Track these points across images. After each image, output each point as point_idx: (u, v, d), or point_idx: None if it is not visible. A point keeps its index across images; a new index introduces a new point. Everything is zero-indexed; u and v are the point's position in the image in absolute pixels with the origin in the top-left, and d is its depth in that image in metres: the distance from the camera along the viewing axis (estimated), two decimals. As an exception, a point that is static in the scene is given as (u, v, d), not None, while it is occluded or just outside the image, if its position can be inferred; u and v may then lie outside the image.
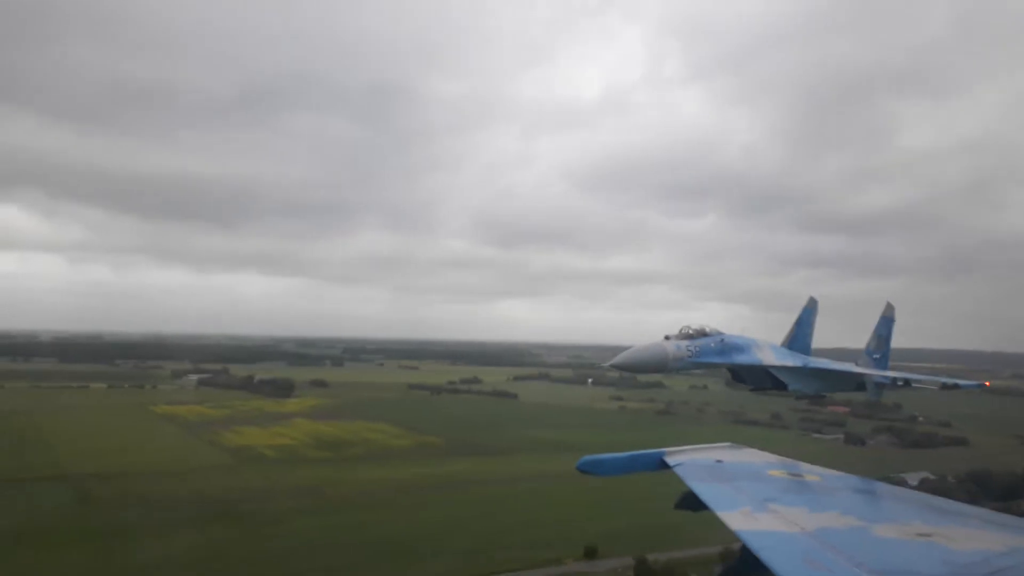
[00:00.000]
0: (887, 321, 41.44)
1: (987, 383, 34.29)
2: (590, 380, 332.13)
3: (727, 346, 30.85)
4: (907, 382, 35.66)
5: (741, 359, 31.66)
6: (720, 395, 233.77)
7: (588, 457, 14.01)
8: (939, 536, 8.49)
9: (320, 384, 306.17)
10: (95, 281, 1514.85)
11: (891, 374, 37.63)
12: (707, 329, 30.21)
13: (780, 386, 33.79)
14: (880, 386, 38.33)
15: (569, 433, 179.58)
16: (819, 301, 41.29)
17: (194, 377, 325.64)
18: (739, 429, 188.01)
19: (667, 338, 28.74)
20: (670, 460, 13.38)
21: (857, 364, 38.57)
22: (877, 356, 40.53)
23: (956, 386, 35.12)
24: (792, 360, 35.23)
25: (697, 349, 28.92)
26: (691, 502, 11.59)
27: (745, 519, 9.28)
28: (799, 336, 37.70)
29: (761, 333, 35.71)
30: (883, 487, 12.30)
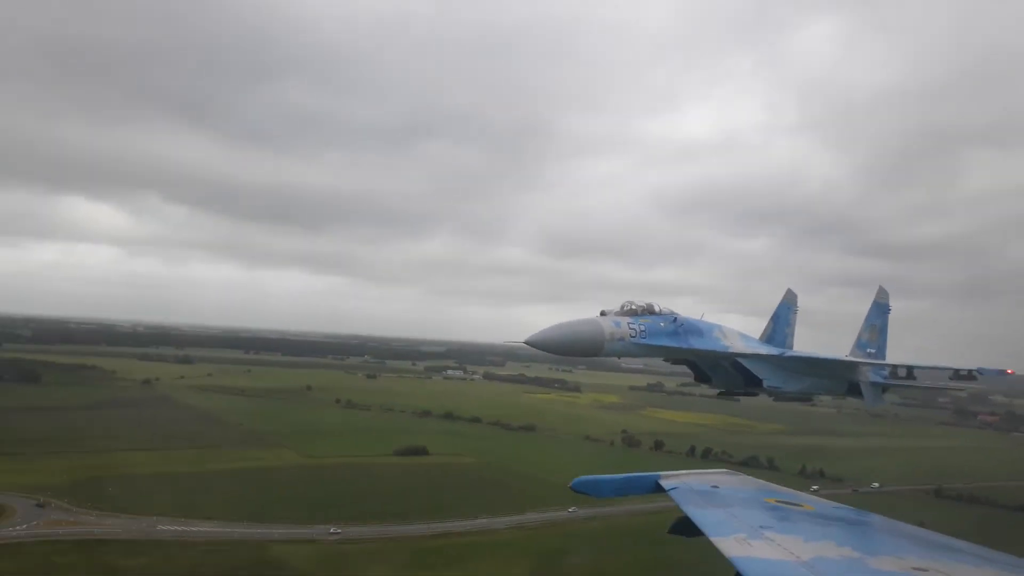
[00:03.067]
0: (881, 308, 36.83)
1: (1010, 371, 28.09)
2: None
3: (682, 328, 26.12)
4: (910, 372, 30.64)
5: (700, 345, 26.83)
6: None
7: (583, 478, 13.75)
8: (935, 571, 8.38)
9: (561, 382, 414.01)
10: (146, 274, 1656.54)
11: (888, 363, 33.46)
12: (657, 307, 25.66)
13: (753, 383, 29.09)
14: (879, 388, 33.51)
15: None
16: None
17: (456, 371, 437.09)
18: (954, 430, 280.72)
19: (603, 314, 24.05)
20: (665, 483, 13.13)
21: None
22: (872, 350, 35.66)
23: (972, 375, 27.12)
24: (766, 349, 30.83)
25: (642, 329, 24.28)
26: (685, 527, 11.43)
27: (740, 546, 9.21)
28: (777, 333, 33.55)
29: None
30: (877, 519, 11.97)
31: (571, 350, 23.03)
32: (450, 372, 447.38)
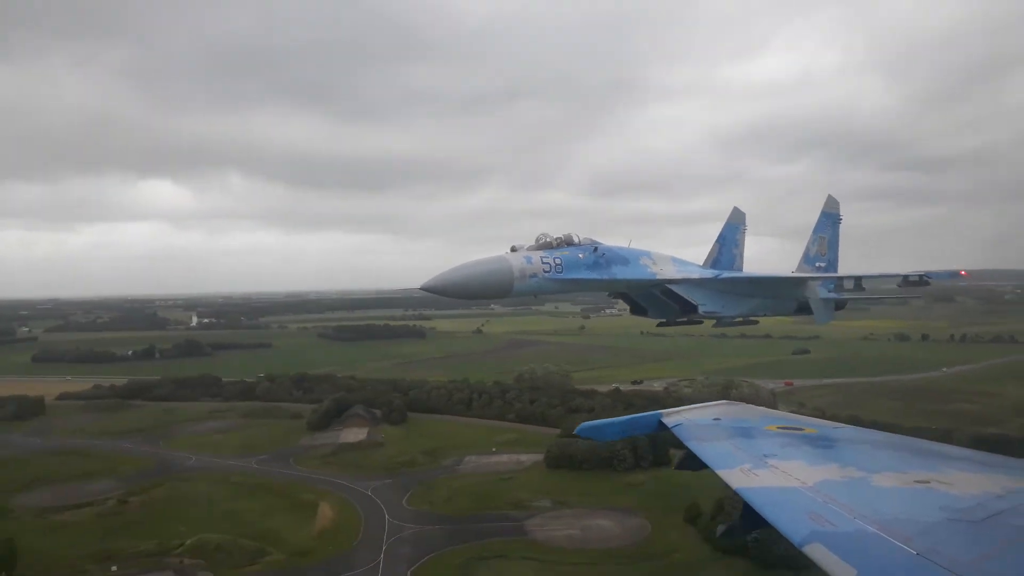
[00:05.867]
0: (830, 218, 35.11)
1: (963, 271, 26.91)
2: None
3: (604, 258, 24.76)
4: (858, 283, 29.37)
5: (625, 274, 25.47)
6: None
7: (587, 423, 14.29)
8: (937, 482, 8.54)
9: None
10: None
11: (833, 275, 32.28)
12: (576, 237, 24.26)
13: (689, 309, 27.73)
14: (831, 304, 32.37)
15: None
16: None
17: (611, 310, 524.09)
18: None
19: (514, 249, 22.85)
20: (667, 421, 13.36)
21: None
22: (822, 264, 34.10)
23: (924, 280, 25.61)
24: (699, 273, 29.18)
25: (558, 263, 22.96)
26: (691, 462, 11.66)
27: (745, 476, 9.28)
28: (723, 256, 31.59)
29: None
30: (881, 436, 12.07)
31: (476, 292, 21.42)
32: (608, 311, 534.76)
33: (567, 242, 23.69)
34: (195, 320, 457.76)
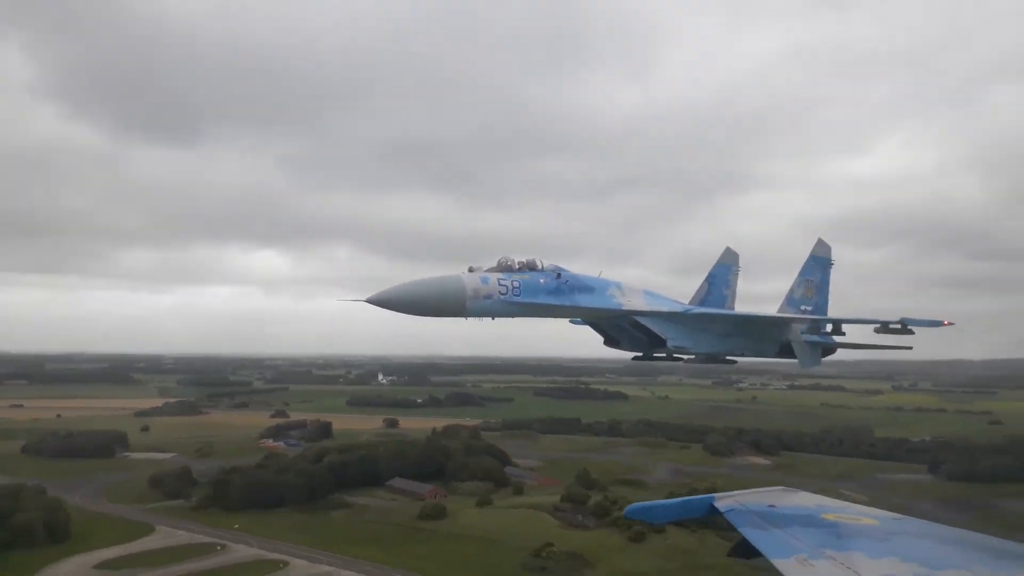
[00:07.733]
0: (819, 261, 34.11)
1: (946, 322, 25.16)
2: None
3: (567, 285, 24.91)
4: (837, 328, 29.35)
5: (589, 303, 25.60)
6: None
7: (636, 504, 14.00)
8: None
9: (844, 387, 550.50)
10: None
11: (808, 316, 31.71)
12: (540, 263, 24.60)
13: (657, 343, 27.48)
14: (817, 348, 31.28)
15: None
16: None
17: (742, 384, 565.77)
18: None
19: (471, 270, 23.07)
20: (720, 505, 13.03)
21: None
22: (808, 308, 32.93)
23: (906, 328, 24.67)
24: (669, 307, 28.55)
25: (516, 286, 23.14)
26: (745, 549, 11.40)
27: (801, 567, 9.08)
28: (712, 295, 31.34)
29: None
30: (946, 531, 11.48)
31: (426, 309, 21.56)
32: (742, 384, 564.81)
33: (530, 267, 24.13)
34: (382, 378, 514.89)
